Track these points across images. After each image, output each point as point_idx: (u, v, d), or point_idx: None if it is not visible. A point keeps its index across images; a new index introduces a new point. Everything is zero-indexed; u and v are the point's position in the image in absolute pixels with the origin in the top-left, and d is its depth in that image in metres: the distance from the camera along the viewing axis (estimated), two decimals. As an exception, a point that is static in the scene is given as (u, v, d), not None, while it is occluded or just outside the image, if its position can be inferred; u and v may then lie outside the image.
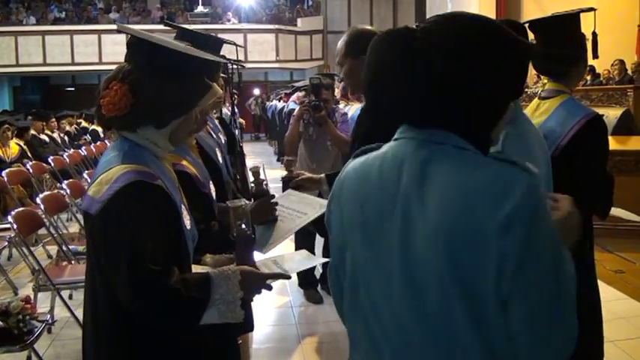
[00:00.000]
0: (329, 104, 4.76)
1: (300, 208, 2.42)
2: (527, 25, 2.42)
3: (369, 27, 2.67)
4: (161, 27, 3.40)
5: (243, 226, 1.89)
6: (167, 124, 1.71)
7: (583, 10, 2.54)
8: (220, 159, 2.64)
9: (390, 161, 1.20)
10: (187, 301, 1.55)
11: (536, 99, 2.61)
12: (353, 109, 6.13)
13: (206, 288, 1.58)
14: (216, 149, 2.64)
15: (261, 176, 2.52)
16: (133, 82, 1.64)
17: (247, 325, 2.53)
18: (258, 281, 1.72)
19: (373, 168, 1.23)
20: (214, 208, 2.21)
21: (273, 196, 2.40)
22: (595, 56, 2.80)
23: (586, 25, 2.58)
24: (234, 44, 2.92)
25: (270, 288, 1.75)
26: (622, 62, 10.61)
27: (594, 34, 2.77)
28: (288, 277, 1.84)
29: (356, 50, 2.47)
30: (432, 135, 1.16)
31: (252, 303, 2.43)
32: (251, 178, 2.59)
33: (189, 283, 1.56)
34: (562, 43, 2.47)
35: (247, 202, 1.93)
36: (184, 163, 2.12)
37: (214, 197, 2.22)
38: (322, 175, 2.64)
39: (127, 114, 1.64)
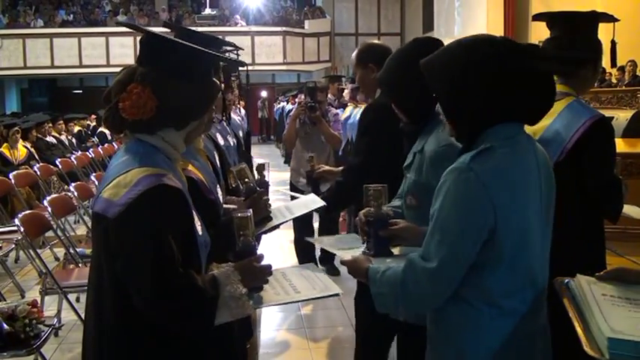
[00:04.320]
0: (323, 105, 5.32)
1: (290, 209, 2.60)
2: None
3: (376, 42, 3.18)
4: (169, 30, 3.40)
5: (251, 238, 1.88)
6: (187, 125, 1.70)
7: (602, 19, 2.46)
8: (218, 163, 2.63)
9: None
10: (209, 300, 1.57)
11: None
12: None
13: (216, 287, 1.60)
14: (215, 152, 2.63)
15: (249, 177, 2.63)
16: (154, 84, 1.61)
17: (246, 332, 2.53)
18: (254, 274, 1.73)
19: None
20: (220, 213, 2.20)
21: (263, 193, 2.46)
22: (613, 64, 2.82)
23: (603, 33, 2.54)
24: (235, 47, 2.94)
25: (261, 289, 1.77)
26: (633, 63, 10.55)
27: (613, 43, 2.73)
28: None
29: (365, 59, 2.94)
30: None
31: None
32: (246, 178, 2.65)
33: (205, 283, 1.59)
34: (571, 42, 2.41)
35: (251, 211, 1.91)
36: (190, 168, 2.09)
37: (221, 201, 2.20)
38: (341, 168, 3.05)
39: (151, 117, 1.62)
